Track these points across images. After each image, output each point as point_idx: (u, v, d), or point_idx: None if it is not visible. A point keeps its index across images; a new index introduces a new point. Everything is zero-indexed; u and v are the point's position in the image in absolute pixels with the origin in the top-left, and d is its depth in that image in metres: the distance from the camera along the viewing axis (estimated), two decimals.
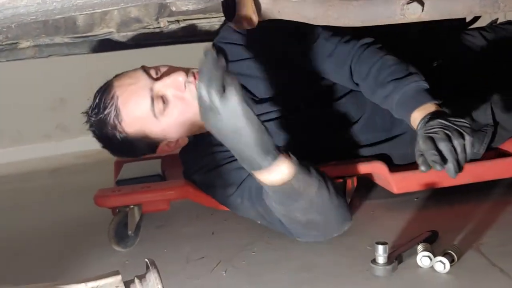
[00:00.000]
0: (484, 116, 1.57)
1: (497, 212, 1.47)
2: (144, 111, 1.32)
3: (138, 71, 1.36)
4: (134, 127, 1.34)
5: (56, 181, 2.26)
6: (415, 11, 1.32)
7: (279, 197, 1.14)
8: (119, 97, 1.31)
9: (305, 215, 1.19)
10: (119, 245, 1.41)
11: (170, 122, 1.34)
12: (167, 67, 1.38)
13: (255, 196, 1.29)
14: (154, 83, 1.32)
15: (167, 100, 1.33)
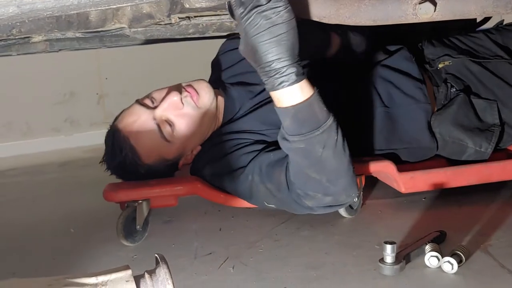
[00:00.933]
0: (491, 116, 1.58)
1: (505, 214, 1.47)
2: (156, 140, 1.40)
3: (134, 106, 1.43)
4: (152, 157, 1.43)
5: (65, 174, 2.27)
6: (428, 11, 1.32)
7: (297, 124, 1.11)
8: (129, 137, 1.40)
9: (320, 161, 1.15)
10: (127, 240, 1.42)
11: (182, 139, 1.43)
12: (158, 91, 1.45)
13: (265, 172, 1.31)
14: (154, 112, 1.40)
15: (171, 122, 1.41)
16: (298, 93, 1.08)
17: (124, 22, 1.43)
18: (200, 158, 1.51)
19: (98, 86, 2.75)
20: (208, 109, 1.45)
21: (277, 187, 1.29)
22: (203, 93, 1.44)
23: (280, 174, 1.27)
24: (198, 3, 1.02)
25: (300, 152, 1.15)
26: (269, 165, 1.31)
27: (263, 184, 1.32)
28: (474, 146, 1.55)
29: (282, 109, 1.10)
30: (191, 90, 1.43)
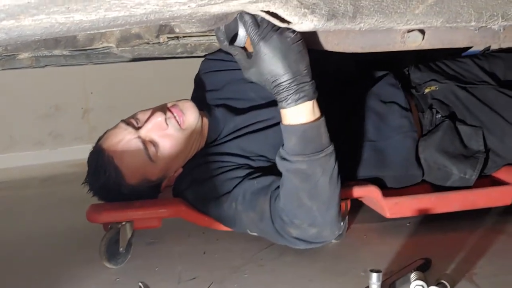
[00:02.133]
0: (476, 143, 1.59)
1: (489, 241, 1.48)
2: (141, 159, 1.39)
3: (120, 126, 1.42)
4: (136, 177, 1.42)
5: (47, 190, 2.24)
6: (416, 39, 1.33)
7: (302, 143, 1.14)
8: (113, 157, 1.38)
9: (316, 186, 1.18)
10: (110, 262, 1.40)
11: (166, 159, 1.42)
12: (143, 112, 1.45)
13: (248, 201, 1.31)
14: (139, 132, 1.39)
15: (155, 142, 1.40)
16: (310, 111, 1.13)
17: (112, 41, 1.42)
18: (183, 179, 1.49)
19: (83, 101, 2.73)
20: (193, 130, 1.44)
21: (260, 217, 1.29)
22: (188, 114, 1.44)
23: (264, 203, 1.27)
24: (188, 28, 1.01)
25: (299, 174, 1.17)
26: (253, 193, 1.31)
27: (246, 212, 1.32)
28: (458, 173, 1.55)
29: (290, 127, 1.13)
30: (177, 110, 1.42)
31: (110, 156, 1.39)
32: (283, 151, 1.19)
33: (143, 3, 0.66)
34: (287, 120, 1.16)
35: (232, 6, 0.83)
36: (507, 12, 0.95)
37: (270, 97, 1.50)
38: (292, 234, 1.24)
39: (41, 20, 0.66)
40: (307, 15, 0.84)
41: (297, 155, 1.15)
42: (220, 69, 1.65)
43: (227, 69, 1.61)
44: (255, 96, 1.53)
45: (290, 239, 1.26)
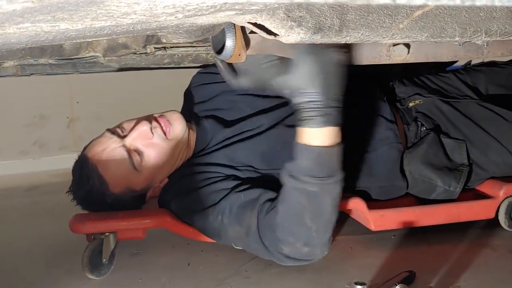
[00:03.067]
0: (459, 156, 1.60)
1: (473, 254, 1.49)
2: (125, 168, 1.38)
3: (105, 135, 1.41)
4: (120, 186, 1.40)
5: (31, 200, 2.21)
6: (401, 53, 1.35)
7: (316, 166, 1.14)
8: (97, 165, 1.37)
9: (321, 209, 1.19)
10: (93, 273, 1.38)
11: (151, 169, 1.41)
12: (129, 121, 1.44)
13: (235, 214, 1.30)
14: (123, 141, 1.39)
15: (140, 151, 1.39)
16: (332, 136, 1.13)
17: (98, 51, 1.42)
18: (168, 190, 1.49)
19: (69, 110, 2.71)
20: (179, 141, 1.44)
21: (246, 231, 1.28)
22: (176, 124, 1.43)
23: (251, 218, 1.27)
24: (176, 39, 1.01)
25: (307, 194, 1.16)
26: (239, 207, 1.30)
27: (232, 226, 1.31)
28: (443, 185, 1.56)
29: (307, 147, 1.13)
30: (163, 120, 1.42)
31: (94, 165, 1.38)
32: (293, 169, 1.17)
33: (130, 13, 0.65)
34: (305, 140, 1.14)
35: (219, 17, 0.83)
36: (490, 28, 0.97)
37: (259, 106, 1.51)
38: (283, 251, 1.23)
39: (26, 28, 0.66)
40: (294, 28, 0.85)
41: (310, 177, 1.14)
42: (211, 81, 1.65)
43: (218, 81, 1.61)
44: (244, 106, 1.54)
45: (278, 255, 1.26)
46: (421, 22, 0.92)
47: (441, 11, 0.93)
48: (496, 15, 0.96)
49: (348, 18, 0.87)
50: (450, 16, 0.94)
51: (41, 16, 0.62)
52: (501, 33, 0.99)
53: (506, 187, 1.58)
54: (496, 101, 1.72)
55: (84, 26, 0.69)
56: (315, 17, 0.85)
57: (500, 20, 0.97)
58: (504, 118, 1.64)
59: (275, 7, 0.79)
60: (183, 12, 0.69)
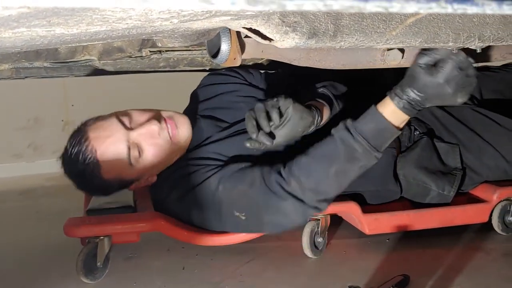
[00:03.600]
0: (453, 160, 1.61)
1: (466, 258, 1.49)
2: (121, 161, 1.36)
3: (112, 121, 1.38)
4: (112, 174, 1.38)
5: (25, 203, 2.20)
6: (396, 57, 1.35)
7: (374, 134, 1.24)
8: (97, 151, 1.35)
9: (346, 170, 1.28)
10: (87, 277, 1.38)
11: (145, 166, 1.39)
12: (138, 113, 1.41)
13: (236, 177, 1.34)
14: (129, 133, 1.36)
15: (141, 148, 1.37)
16: (401, 121, 1.24)
17: (94, 54, 1.42)
18: (161, 187, 1.48)
19: (63, 113, 2.70)
20: (180, 146, 1.43)
21: (249, 184, 1.31)
22: (182, 130, 1.42)
23: (252, 173, 1.32)
24: (171, 43, 1.02)
25: (349, 151, 1.24)
26: (240, 170, 1.34)
27: (233, 188, 1.33)
28: (437, 189, 1.57)
29: (380, 115, 1.23)
30: (172, 123, 1.40)
31: (94, 149, 1.34)
32: (352, 125, 1.25)
33: (125, 18, 0.66)
34: (383, 109, 1.24)
35: (214, 22, 0.83)
36: (483, 33, 0.98)
37: None
38: (290, 185, 1.27)
39: (22, 33, 0.66)
40: (289, 33, 0.85)
41: (362, 138, 1.23)
42: (218, 82, 1.64)
43: (224, 82, 1.60)
44: (245, 107, 1.50)
45: (282, 193, 1.28)
46: (415, 27, 0.93)
47: (435, 17, 0.94)
48: (489, 21, 0.97)
49: (343, 23, 0.88)
50: (444, 22, 0.95)
51: (36, 21, 0.62)
52: (494, 38, 1.00)
53: (499, 191, 1.59)
54: (489, 106, 1.72)
55: (79, 30, 0.69)
56: (309, 22, 0.85)
57: (493, 26, 0.98)
58: (497, 123, 1.65)
59: (270, 13, 0.80)
60: (178, 17, 0.70)
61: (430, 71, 1.18)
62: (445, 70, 1.16)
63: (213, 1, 0.35)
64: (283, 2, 0.35)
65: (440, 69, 1.16)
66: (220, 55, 1.16)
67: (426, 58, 1.19)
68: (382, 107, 1.24)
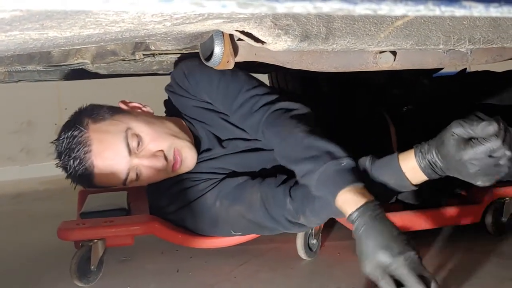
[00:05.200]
0: None
1: (459, 259, 1.50)
2: (116, 182, 1.36)
3: (119, 139, 1.32)
4: (103, 184, 1.39)
5: (18, 207, 2.20)
6: (388, 60, 1.36)
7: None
8: (95, 167, 1.32)
9: None
10: (81, 281, 1.38)
11: (138, 185, 1.41)
12: (150, 138, 1.35)
13: (232, 194, 1.35)
14: (132, 159, 1.32)
15: (140, 172, 1.35)
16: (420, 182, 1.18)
17: (87, 57, 1.42)
18: (160, 198, 1.48)
19: (56, 116, 2.69)
20: (176, 174, 1.42)
21: (248, 206, 1.31)
22: (186, 164, 1.40)
23: (251, 194, 1.31)
24: (164, 46, 1.02)
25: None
26: (238, 187, 1.34)
27: (232, 206, 1.34)
28: (429, 191, 1.58)
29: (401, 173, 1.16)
30: (178, 158, 1.37)
31: (93, 164, 1.32)
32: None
33: (118, 21, 0.66)
34: (404, 163, 1.17)
35: (207, 25, 0.84)
36: (473, 36, 0.99)
37: None
38: (299, 220, 1.27)
39: (15, 36, 0.66)
40: (281, 36, 0.86)
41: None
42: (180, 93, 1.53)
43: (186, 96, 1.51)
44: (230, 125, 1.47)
45: (286, 223, 1.30)
46: (406, 30, 0.94)
47: (426, 20, 0.95)
48: (479, 24, 0.98)
49: (334, 26, 0.89)
50: (434, 24, 0.96)
51: (29, 24, 0.62)
52: (484, 40, 1.01)
53: (491, 192, 1.60)
54: (487, 111, 1.73)
55: (72, 34, 0.70)
56: (301, 25, 0.86)
57: (483, 28, 0.99)
58: None
59: (262, 16, 0.80)
60: (171, 20, 0.70)
61: (458, 143, 1.07)
62: (473, 151, 1.04)
63: (204, 4, 0.36)
64: (274, 4, 0.35)
65: (469, 147, 1.05)
66: (213, 58, 1.16)
67: (460, 130, 1.08)
68: (404, 160, 1.16)
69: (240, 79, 1.38)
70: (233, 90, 1.38)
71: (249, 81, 1.39)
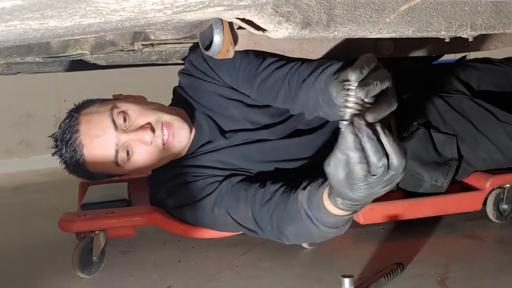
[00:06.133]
0: (450, 151, 1.61)
1: (461, 246, 1.51)
2: (108, 161, 1.34)
3: (105, 118, 1.33)
4: (98, 169, 1.37)
5: (18, 199, 2.20)
6: (388, 47, 1.36)
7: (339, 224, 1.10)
8: (84, 146, 1.33)
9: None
10: (83, 272, 1.38)
11: (133, 167, 1.37)
12: (136, 114, 1.35)
13: (230, 205, 1.33)
14: (120, 135, 1.32)
15: (131, 150, 1.33)
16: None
17: (86, 48, 1.41)
18: (159, 190, 1.48)
19: (55, 108, 2.69)
20: (174, 152, 1.39)
21: (243, 221, 1.31)
22: (180, 139, 1.37)
23: (245, 211, 1.29)
24: (164, 35, 1.01)
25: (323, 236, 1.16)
26: (233, 199, 1.33)
27: (229, 215, 1.33)
28: (430, 180, 1.58)
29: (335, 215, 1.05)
30: (169, 131, 1.35)
31: (82, 144, 1.33)
32: (317, 218, 1.09)
33: (119, 9, 0.65)
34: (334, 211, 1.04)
35: (208, 13, 0.83)
36: (475, 22, 0.98)
37: (258, 122, 1.46)
38: (283, 241, 1.26)
39: (15, 26, 0.66)
40: (282, 23, 0.85)
41: (328, 227, 1.09)
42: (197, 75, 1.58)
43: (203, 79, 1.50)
44: (237, 114, 1.47)
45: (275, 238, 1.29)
46: (408, 16, 0.93)
47: (427, 6, 0.94)
48: (480, 9, 0.97)
49: (336, 13, 0.88)
50: (436, 10, 0.95)
51: (29, 14, 0.61)
52: (485, 27, 1.00)
53: (492, 179, 1.60)
54: (487, 98, 1.72)
55: (72, 23, 0.69)
56: (303, 12, 0.85)
57: (484, 14, 0.98)
58: (495, 116, 1.65)
59: (263, 3, 0.80)
60: (171, 8, 0.69)
61: None
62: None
63: None
64: None
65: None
66: (213, 47, 1.15)
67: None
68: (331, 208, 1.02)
69: (263, 53, 1.34)
70: (259, 58, 1.36)
71: (273, 55, 1.36)
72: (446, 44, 1.28)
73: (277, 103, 1.34)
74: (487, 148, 1.63)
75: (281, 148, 1.46)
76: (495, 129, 1.64)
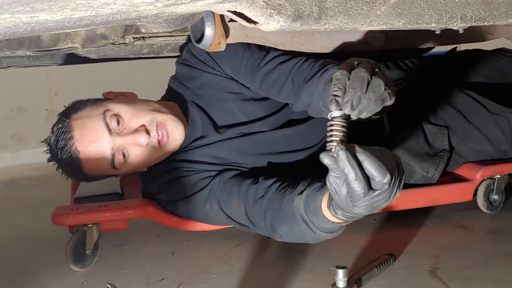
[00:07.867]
0: (441, 142, 1.62)
1: (451, 236, 1.52)
2: (105, 165, 1.33)
3: (98, 122, 1.31)
4: (94, 172, 1.36)
5: (10, 193, 2.19)
6: (379, 39, 1.36)
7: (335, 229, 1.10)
8: (80, 152, 1.31)
9: None
10: (76, 265, 1.38)
11: (129, 168, 1.36)
12: (129, 116, 1.33)
13: (222, 201, 1.33)
14: (115, 139, 1.31)
15: (127, 153, 1.32)
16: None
17: (77, 42, 1.41)
18: (151, 184, 1.48)
19: (47, 102, 2.68)
20: (168, 151, 1.39)
21: (235, 216, 1.31)
22: (174, 138, 1.36)
23: (238, 206, 1.29)
24: (155, 28, 1.01)
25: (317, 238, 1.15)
26: (226, 194, 1.32)
27: (222, 211, 1.33)
28: (421, 171, 1.59)
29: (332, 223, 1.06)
30: (163, 132, 1.34)
31: (77, 150, 1.31)
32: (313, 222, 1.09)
33: (110, 3, 0.65)
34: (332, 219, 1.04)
35: (199, 6, 0.83)
36: (465, 14, 0.98)
37: (254, 114, 1.46)
38: (276, 239, 1.25)
39: (5, 20, 0.65)
40: (273, 16, 0.85)
41: (323, 232, 1.10)
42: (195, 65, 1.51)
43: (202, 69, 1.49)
44: (235, 107, 1.47)
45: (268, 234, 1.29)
46: (398, 8, 0.93)
47: None
48: (470, 1, 0.98)
49: (327, 5, 0.88)
50: (427, 2, 0.95)
51: (20, 7, 0.61)
52: (476, 18, 1.01)
53: (483, 170, 1.61)
54: (478, 90, 1.73)
55: (63, 16, 0.69)
56: (294, 4, 0.85)
57: (475, 6, 0.99)
58: (485, 107, 1.66)
59: None
60: (163, 1, 0.69)
61: None
62: None
63: None
64: None
65: None
66: (205, 40, 1.15)
67: None
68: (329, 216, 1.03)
69: (265, 47, 1.34)
70: (262, 51, 1.36)
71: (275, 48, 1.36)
72: (436, 36, 1.29)
73: (280, 98, 1.35)
74: (477, 139, 1.65)
75: (275, 140, 1.46)
76: (485, 120, 1.65)
